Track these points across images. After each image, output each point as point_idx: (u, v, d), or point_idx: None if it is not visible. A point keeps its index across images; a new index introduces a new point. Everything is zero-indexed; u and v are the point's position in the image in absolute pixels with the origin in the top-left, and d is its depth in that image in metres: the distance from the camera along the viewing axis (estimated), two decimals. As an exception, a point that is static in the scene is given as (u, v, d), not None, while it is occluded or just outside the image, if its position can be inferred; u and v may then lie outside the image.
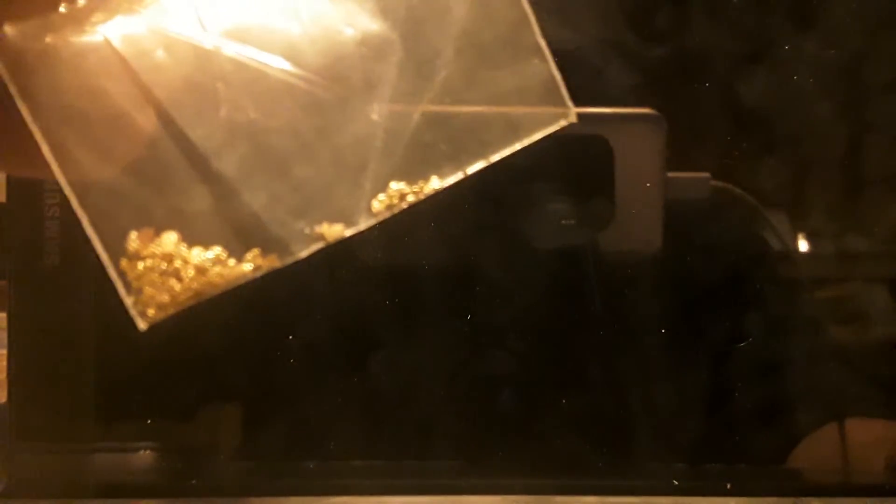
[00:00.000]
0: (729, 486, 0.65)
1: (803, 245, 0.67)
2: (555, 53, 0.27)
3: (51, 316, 0.65)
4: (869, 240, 0.67)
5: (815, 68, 0.66)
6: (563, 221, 0.65)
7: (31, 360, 0.64)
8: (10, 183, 0.62)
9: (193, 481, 0.66)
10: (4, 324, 0.65)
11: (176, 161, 0.24)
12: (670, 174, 0.65)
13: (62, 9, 0.24)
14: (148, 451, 0.66)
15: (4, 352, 0.65)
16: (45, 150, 0.23)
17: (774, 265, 0.67)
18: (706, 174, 0.66)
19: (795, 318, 0.67)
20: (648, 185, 0.65)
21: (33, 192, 0.63)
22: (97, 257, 0.61)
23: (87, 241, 0.61)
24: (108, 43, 0.24)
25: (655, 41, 0.66)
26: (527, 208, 0.66)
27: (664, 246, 0.65)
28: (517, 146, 0.26)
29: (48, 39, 0.24)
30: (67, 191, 0.24)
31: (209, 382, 0.66)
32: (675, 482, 0.65)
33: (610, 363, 0.67)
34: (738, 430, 0.67)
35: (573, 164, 0.64)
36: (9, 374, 0.64)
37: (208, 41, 0.25)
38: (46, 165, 0.24)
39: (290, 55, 0.25)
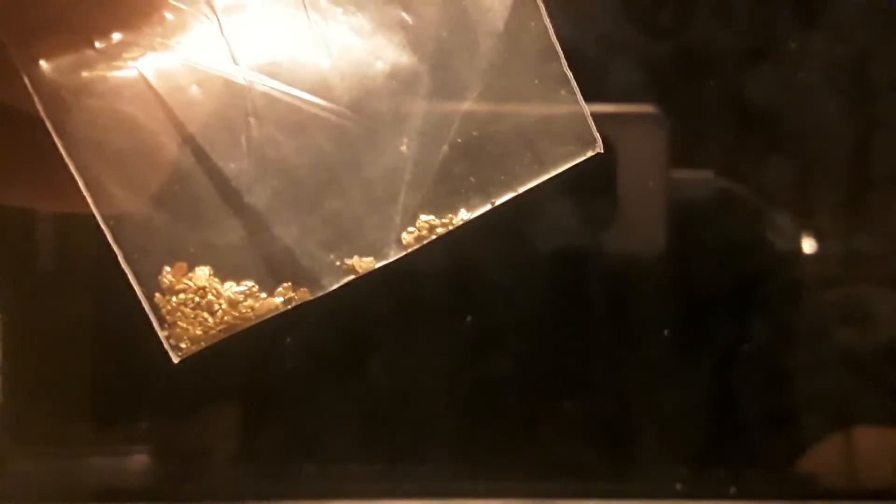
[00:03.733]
0: (733, 489, 0.66)
1: (808, 245, 0.68)
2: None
3: (45, 318, 0.65)
4: (875, 240, 0.68)
5: (820, 66, 0.67)
6: (565, 221, 0.66)
7: (26, 363, 0.65)
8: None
9: (189, 485, 0.66)
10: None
11: (208, 195, 0.25)
12: (673, 173, 0.66)
13: (97, 45, 0.25)
14: (143, 455, 0.66)
15: (-3, 355, 0.65)
16: (81, 184, 0.24)
17: (778, 265, 0.68)
18: (710, 173, 0.67)
19: (800, 319, 0.68)
20: (651, 184, 0.66)
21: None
22: (97, 264, 0.62)
23: (81, 243, 0.62)
24: (142, 78, 0.25)
25: (658, 38, 0.67)
26: (528, 208, 0.66)
27: (667, 246, 0.66)
28: (545, 177, 0.27)
29: (83, 75, 0.24)
30: (103, 226, 0.24)
31: (205, 385, 0.66)
32: (679, 486, 0.66)
33: (612, 366, 0.67)
34: (742, 434, 0.68)
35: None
36: (3, 377, 0.64)
37: (240, 76, 0.25)
38: (80, 200, 0.25)
39: (321, 89, 0.26)
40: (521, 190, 0.27)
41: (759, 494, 0.66)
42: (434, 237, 0.27)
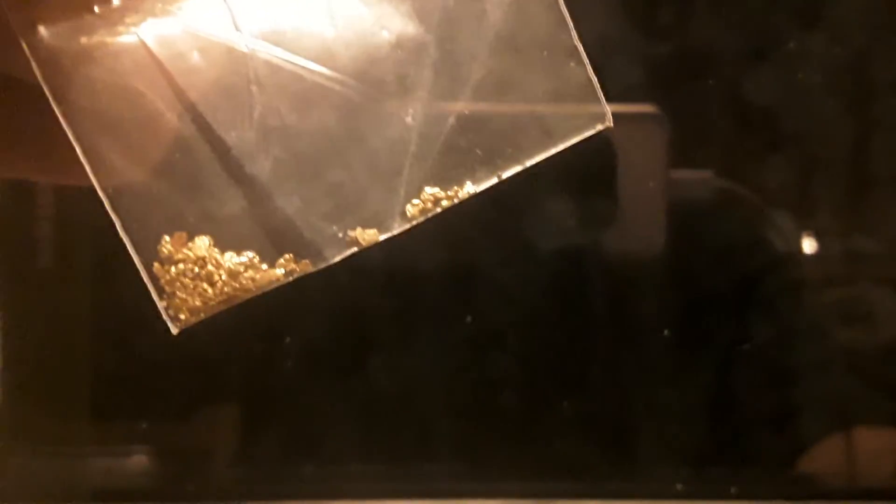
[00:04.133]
0: (733, 489, 0.65)
1: (808, 245, 0.67)
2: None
3: (43, 317, 0.65)
4: (875, 240, 0.68)
5: (820, 66, 0.67)
6: (565, 221, 0.65)
7: (24, 362, 0.64)
8: (2, 183, 0.62)
9: (189, 485, 0.66)
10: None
11: (209, 165, 0.25)
12: (673, 173, 0.66)
13: (96, 10, 0.24)
14: (143, 455, 0.66)
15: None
16: (80, 153, 0.24)
17: (778, 265, 0.68)
18: (710, 173, 0.67)
19: (800, 319, 0.68)
20: (651, 184, 0.65)
21: (26, 192, 0.63)
22: (97, 264, 0.62)
23: (81, 241, 0.61)
24: (142, 44, 0.24)
25: (658, 38, 0.67)
26: (528, 208, 0.66)
27: (667, 246, 0.66)
28: (552, 151, 0.26)
29: (83, 41, 0.24)
30: (101, 195, 0.24)
31: (205, 384, 0.66)
32: (679, 486, 0.66)
33: (612, 365, 0.67)
34: (742, 434, 0.67)
35: (575, 162, 0.64)
36: (3, 376, 0.64)
37: (243, 43, 0.25)
38: (79, 171, 0.24)
39: (325, 58, 0.25)
40: (529, 163, 0.27)
41: (760, 494, 0.66)
42: (439, 210, 0.26)
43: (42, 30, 0.24)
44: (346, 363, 0.67)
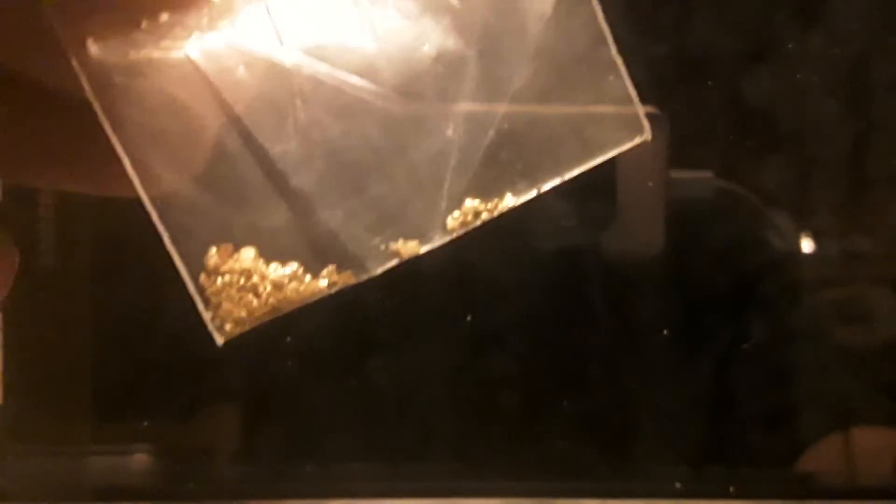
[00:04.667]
0: (732, 489, 0.65)
1: (807, 245, 0.68)
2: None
3: (45, 316, 0.65)
4: (875, 240, 0.68)
5: (819, 66, 0.67)
6: (564, 222, 0.66)
7: (26, 361, 0.64)
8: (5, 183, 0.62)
9: (190, 484, 0.66)
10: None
11: (254, 177, 0.25)
12: (673, 173, 0.66)
13: (144, 25, 0.24)
14: (145, 454, 0.66)
15: (-1, 352, 0.65)
16: (128, 166, 0.24)
17: (778, 265, 0.68)
18: (710, 173, 0.67)
19: (800, 319, 0.68)
20: (651, 184, 0.66)
21: (28, 192, 0.63)
22: (98, 262, 0.62)
23: (81, 240, 0.61)
24: (189, 59, 0.24)
25: (658, 39, 0.67)
26: (528, 207, 0.66)
27: (667, 246, 0.66)
28: (591, 163, 0.27)
29: (131, 56, 0.24)
30: (149, 207, 0.24)
31: (206, 383, 0.66)
32: (678, 485, 0.66)
33: (612, 365, 0.67)
34: (741, 433, 0.68)
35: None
36: (3, 375, 0.64)
37: (287, 58, 0.25)
38: (125, 183, 0.24)
39: (367, 72, 0.26)
40: (568, 176, 0.27)
41: (759, 494, 0.66)
42: (479, 222, 0.27)
43: (91, 45, 0.24)
44: (347, 363, 0.67)
